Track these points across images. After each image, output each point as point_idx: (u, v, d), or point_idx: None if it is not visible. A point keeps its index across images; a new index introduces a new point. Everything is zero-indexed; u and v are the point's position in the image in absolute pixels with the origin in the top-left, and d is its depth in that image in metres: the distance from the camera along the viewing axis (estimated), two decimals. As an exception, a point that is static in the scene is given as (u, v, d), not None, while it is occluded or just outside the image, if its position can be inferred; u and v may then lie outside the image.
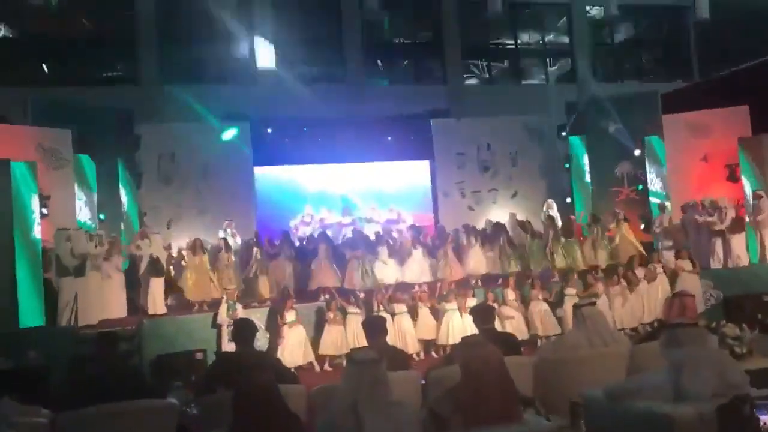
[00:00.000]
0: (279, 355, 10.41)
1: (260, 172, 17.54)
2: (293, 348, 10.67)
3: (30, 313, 10.44)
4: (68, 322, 10.55)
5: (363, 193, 18.43)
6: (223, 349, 10.55)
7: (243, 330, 5.59)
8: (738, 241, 13.27)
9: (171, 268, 13.39)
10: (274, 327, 11.10)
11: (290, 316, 10.90)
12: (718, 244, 13.36)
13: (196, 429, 5.00)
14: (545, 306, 11.81)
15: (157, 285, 12.04)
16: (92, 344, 8.61)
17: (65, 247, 11.01)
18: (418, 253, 12.64)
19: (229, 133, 16.76)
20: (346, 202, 18.29)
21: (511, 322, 11.37)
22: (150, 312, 11.70)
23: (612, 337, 5.79)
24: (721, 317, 9.53)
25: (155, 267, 12.18)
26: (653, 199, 15.38)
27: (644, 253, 13.21)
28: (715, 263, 13.25)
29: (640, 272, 12.32)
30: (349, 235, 14.64)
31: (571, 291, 11.84)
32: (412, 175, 18.91)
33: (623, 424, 4.05)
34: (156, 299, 11.87)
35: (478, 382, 3.76)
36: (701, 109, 15.41)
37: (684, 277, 12.10)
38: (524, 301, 11.92)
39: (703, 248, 13.46)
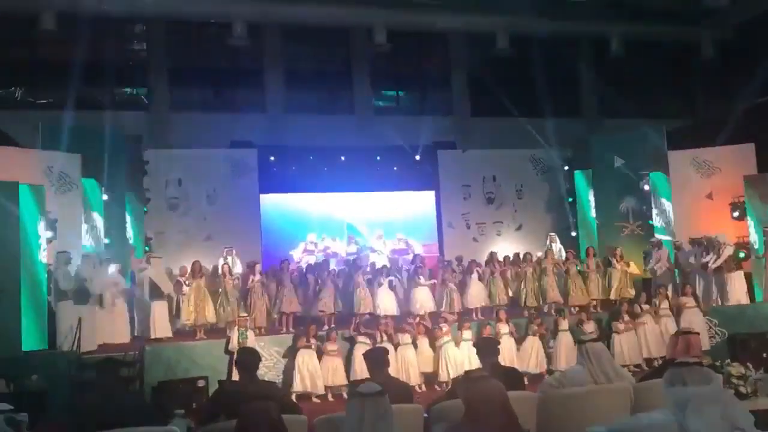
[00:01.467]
0: (294, 380, 10.43)
1: (266, 199, 17.60)
2: (307, 374, 10.65)
3: (33, 337, 10.45)
4: (71, 347, 10.53)
5: (368, 223, 18.44)
6: (233, 377, 10.51)
7: (247, 358, 5.58)
8: (734, 280, 13.22)
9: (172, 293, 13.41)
10: (292, 354, 11.08)
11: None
12: (713, 282, 13.35)
13: (197, 458, 4.97)
14: (538, 341, 11.74)
15: (160, 308, 12.05)
16: (94, 369, 8.63)
17: (64, 271, 11.02)
18: (422, 283, 12.62)
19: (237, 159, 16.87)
20: (352, 230, 18.31)
21: (504, 356, 11.27)
22: (153, 336, 11.68)
23: (616, 373, 5.76)
24: (725, 355, 9.48)
25: (157, 291, 12.20)
26: (658, 236, 15.37)
27: (634, 291, 13.21)
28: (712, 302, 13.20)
29: (645, 308, 12.29)
30: (352, 262, 14.66)
31: (563, 325, 11.79)
32: (417, 206, 18.96)
33: (627, 462, 4.01)
34: (159, 323, 11.87)
35: (481, 417, 3.74)
36: (707, 146, 15.47)
37: (687, 314, 12.07)
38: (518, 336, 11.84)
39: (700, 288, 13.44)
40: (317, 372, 10.80)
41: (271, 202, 17.81)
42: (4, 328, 9.92)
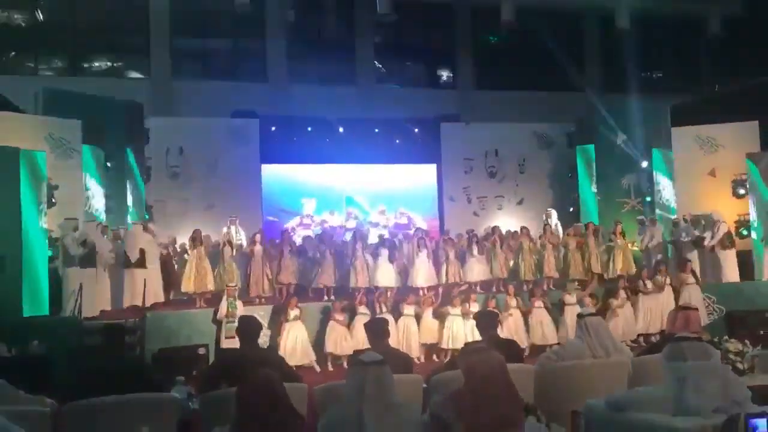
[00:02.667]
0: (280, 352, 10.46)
1: (267, 169, 17.56)
2: (293, 346, 10.68)
3: (34, 302, 10.49)
4: (72, 313, 10.59)
5: (369, 196, 18.44)
6: (221, 346, 10.55)
7: (247, 327, 5.61)
8: (727, 257, 13.24)
9: (174, 262, 13.45)
10: (276, 325, 11.12)
11: (293, 313, 10.92)
12: (706, 259, 13.39)
13: (198, 424, 5.02)
14: (546, 314, 11.80)
15: (143, 276, 12.03)
16: (97, 335, 8.68)
17: (73, 237, 11.06)
18: (423, 256, 12.63)
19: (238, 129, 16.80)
20: (351, 203, 18.31)
21: (512, 329, 11.34)
22: (127, 304, 11.68)
23: (615, 348, 5.79)
24: (723, 332, 9.52)
25: (149, 257, 12.14)
26: (659, 212, 15.37)
27: (634, 267, 13.25)
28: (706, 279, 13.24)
29: (648, 284, 12.33)
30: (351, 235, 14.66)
31: (570, 300, 11.84)
32: (419, 179, 18.92)
33: (623, 435, 4.05)
34: (135, 291, 11.85)
35: (481, 388, 3.76)
36: (711, 123, 15.39)
37: (687, 291, 12.12)
38: (524, 309, 11.89)
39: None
40: (305, 343, 10.83)
41: (271, 172, 17.77)
42: (5, 294, 9.94)
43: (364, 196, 18.41)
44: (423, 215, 18.52)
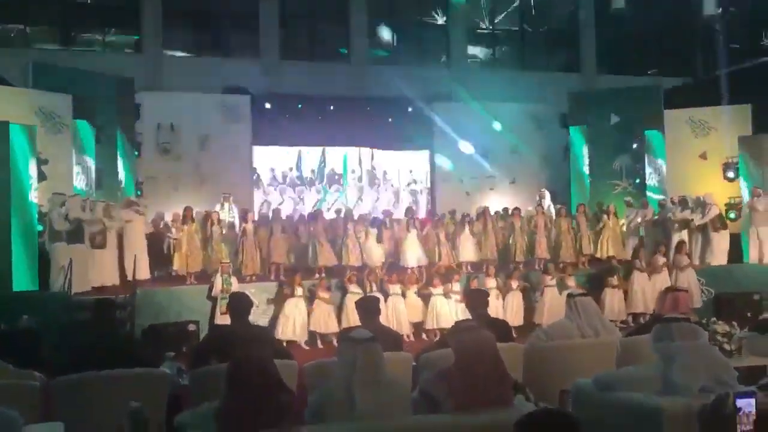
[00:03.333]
0: (278, 328, 10.54)
1: (258, 146, 17.43)
2: (293, 322, 10.73)
3: (24, 277, 10.45)
4: (61, 288, 10.55)
5: (359, 174, 18.39)
6: (216, 323, 10.57)
7: (238, 303, 5.61)
8: (718, 240, 13.31)
9: (165, 238, 13.42)
10: (278, 300, 11.16)
11: (299, 290, 10.99)
12: (696, 240, 13.45)
13: (188, 399, 5.03)
14: (519, 296, 11.84)
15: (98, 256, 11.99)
16: (87, 311, 8.66)
17: (59, 212, 10.98)
18: (413, 236, 12.64)
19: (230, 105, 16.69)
20: (340, 180, 18.24)
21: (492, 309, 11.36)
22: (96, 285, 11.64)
23: (604, 328, 5.83)
24: (711, 314, 9.60)
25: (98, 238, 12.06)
26: (650, 194, 15.42)
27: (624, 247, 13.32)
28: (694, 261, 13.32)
29: (660, 260, 12.40)
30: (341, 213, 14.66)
31: (549, 281, 11.88)
32: (410, 158, 18.88)
33: (611, 413, 4.09)
34: (104, 271, 11.82)
35: (471, 366, 3.79)
36: (704, 106, 15.41)
37: (683, 272, 12.22)
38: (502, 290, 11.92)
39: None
40: (304, 320, 10.87)
41: (262, 149, 17.64)
42: (-5, 268, 9.92)
43: (355, 175, 18.37)
44: (414, 194, 18.51)
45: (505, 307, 11.62)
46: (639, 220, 14.07)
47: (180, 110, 16.32)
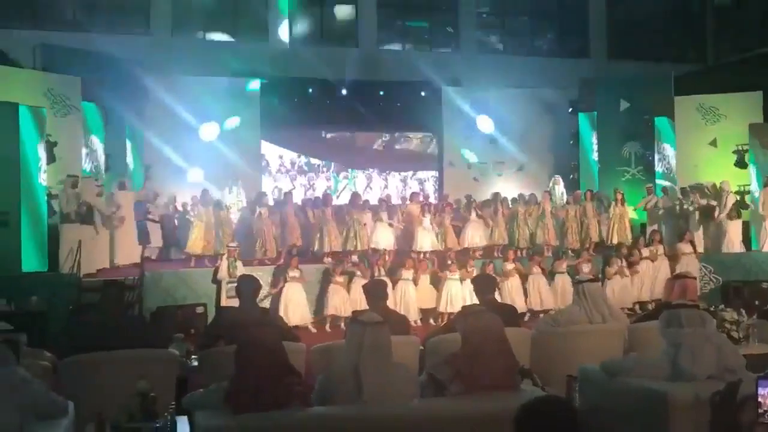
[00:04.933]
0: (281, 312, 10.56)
1: (267, 130, 17.41)
2: (291, 306, 10.75)
3: (33, 258, 10.51)
4: (71, 270, 10.61)
5: (368, 160, 18.37)
6: (222, 305, 10.60)
7: (247, 286, 5.63)
8: (734, 228, 13.27)
9: (175, 221, 13.49)
10: (276, 285, 11.17)
11: (293, 273, 10.97)
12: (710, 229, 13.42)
13: (196, 381, 5.06)
14: (543, 280, 11.85)
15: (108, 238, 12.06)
16: (96, 292, 8.71)
17: (70, 194, 11.03)
18: (427, 221, 12.62)
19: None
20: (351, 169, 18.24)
21: (512, 294, 11.41)
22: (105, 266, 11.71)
23: (611, 314, 5.84)
24: (719, 302, 9.59)
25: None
26: (659, 181, 15.35)
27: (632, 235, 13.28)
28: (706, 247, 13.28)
29: (644, 252, 12.37)
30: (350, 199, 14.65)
31: (561, 267, 11.88)
32: (419, 144, 18.84)
33: (618, 399, 4.09)
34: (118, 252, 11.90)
35: (478, 351, 3.80)
36: (714, 93, 15.30)
37: (684, 260, 12.17)
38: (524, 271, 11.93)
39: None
40: (302, 303, 10.89)
41: (271, 134, 17.63)
42: (4, 249, 9.94)
43: (365, 158, 18.34)
44: (423, 180, 18.49)
45: (530, 292, 11.64)
46: (654, 204, 13.98)
47: (188, 93, 16.27)
